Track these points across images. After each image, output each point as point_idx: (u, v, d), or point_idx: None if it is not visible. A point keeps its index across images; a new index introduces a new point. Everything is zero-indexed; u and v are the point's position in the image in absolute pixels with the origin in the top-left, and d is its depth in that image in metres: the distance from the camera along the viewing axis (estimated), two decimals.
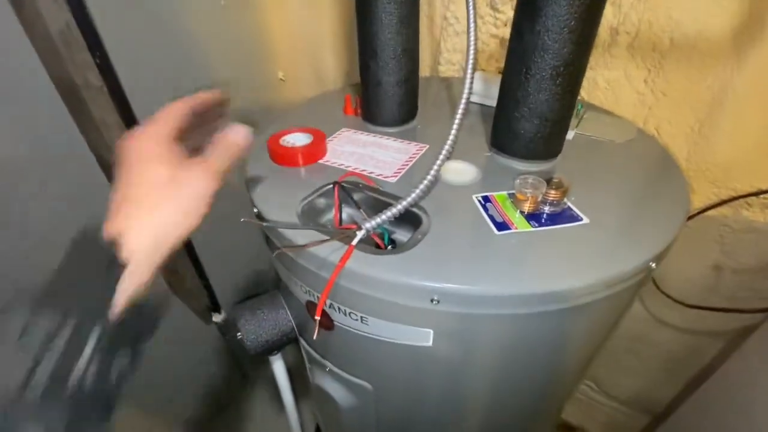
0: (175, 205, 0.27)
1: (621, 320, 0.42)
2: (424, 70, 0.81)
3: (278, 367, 0.51)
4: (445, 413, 0.42)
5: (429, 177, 0.34)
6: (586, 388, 1.07)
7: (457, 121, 0.35)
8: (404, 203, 0.33)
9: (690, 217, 0.68)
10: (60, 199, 0.47)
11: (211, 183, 0.28)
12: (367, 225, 0.31)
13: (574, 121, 0.51)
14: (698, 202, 0.67)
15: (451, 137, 0.35)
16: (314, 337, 0.32)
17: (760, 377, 0.59)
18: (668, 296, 0.74)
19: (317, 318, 0.31)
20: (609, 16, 0.61)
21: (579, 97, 0.67)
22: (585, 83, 0.68)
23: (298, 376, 0.65)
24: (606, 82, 0.66)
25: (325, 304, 0.35)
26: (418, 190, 0.33)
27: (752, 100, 0.56)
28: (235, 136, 0.31)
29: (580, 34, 0.33)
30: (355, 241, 0.30)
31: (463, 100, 0.35)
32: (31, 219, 0.45)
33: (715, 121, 0.60)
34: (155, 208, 0.26)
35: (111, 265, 0.24)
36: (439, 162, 0.35)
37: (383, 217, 0.32)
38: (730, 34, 0.54)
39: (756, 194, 0.62)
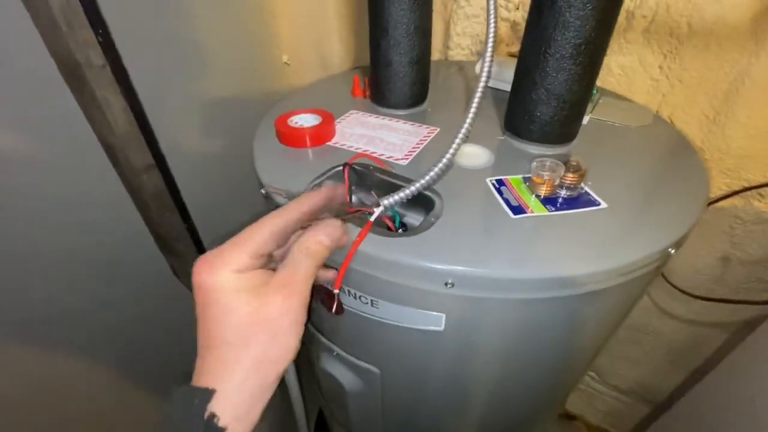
0: (264, 347, 0.23)
1: (634, 307, 0.42)
2: (434, 54, 0.79)
3: None
4: (451, 398, 0.42)
5: (448, 155, 0.33)
6: (587, 378, 1.08)
7: (475, 102, 0.33)
8: (422, 182, 0.31)
9: None
10: (63, 181, 0.47)
11: (297, 306, 0.24)
12: (385, 202, 0.30)
13: (589, 106, 0.50)
14: (710, 192, 0.66)
15: (470, 118, 0.33)
16: (332, 311, 0.31)
17: (765, 370, 0.59)
18: (675, 287, 0.74)
19: (336, 291, 0.30)
20: None
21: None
22: None
23: (301, 362, 0.64)
24: (620, 67, 0.65)
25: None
26: (436, 168, 0.32)
27: None
28: (322, 236, 0.27)
29: (602, 9, 0.32)
30: (373, 217, 0.29)
31: (482, 81, 0.34)
32: (28, 201, 0.44)
33: (730, 110, 0.59)
34: (242, 359, 0.23)
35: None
36: (458, 141, 0.33)
37: (401, 194, 0.31)
38: (749, 19, 0.53)
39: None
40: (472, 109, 0.34)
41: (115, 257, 0.55)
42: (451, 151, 0.33)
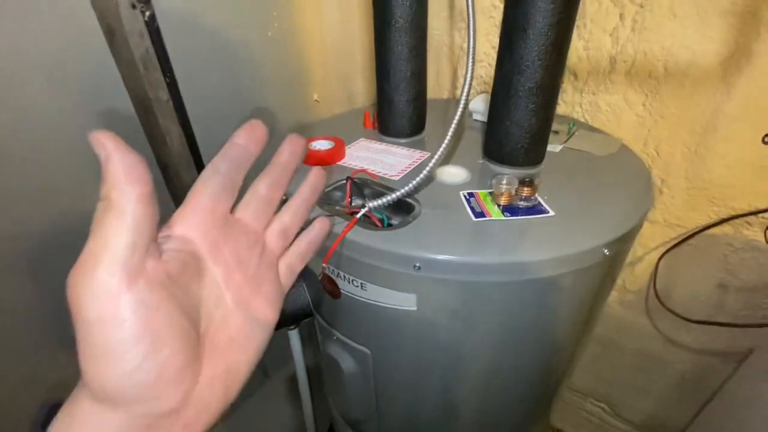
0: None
1: (595, 311, 0.47)
2: (444, 93, 0.90)
3: (294, 341, 0.58)
4: (435, 378, 0.48)
5: (423, 174, 0.42)
6: (599, 410, 1.07)
7: (450, 131, 0.42)
8: (400, 192, 0.41)
9: (691, 236, 0.71)
10: None
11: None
12: (370, 204, 0.39)
13: (563, 137, 0.58)
14: (700, 220, 0.70)
15: (445, 143, 0.42)
16: (333, 296, 0.38)
17: (759, 394, 0.60)
18: (673, 312, 0.76)
19: (324, 265, 0.37)
20: (608, 45, 0.68)
21: (582, 120, 0.73)
22: (588, 106, 0.74)
23: (314, 378, 0.71)
24: (608, 105, 0.72)
25: (333, 273, 0.44)
26: (413, 182, 0.41)
27: (742, 124, 0.60)
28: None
29: (549, 61, 0.41)
30: (359, 215, 0.38)
31: (458, 115, 0.42)
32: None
33: (710, 143, 0.64)
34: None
35: None
36: (432, 162, 0.42)
37: (383, 200, 0.40)
38: (718, 62, 0.60)
39: (754, 213, 0.65)
40: (447, 137, 0.42)
41: None
42: (428, 168, 0.42)
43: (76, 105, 0.52)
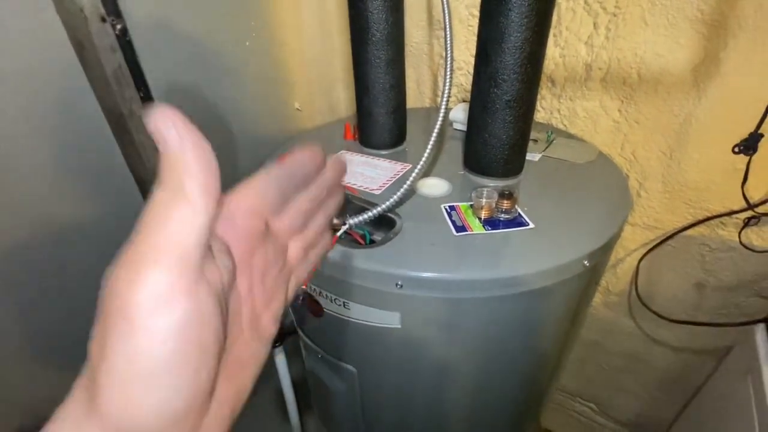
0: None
1: (579, 318, 0.48)
2: (425, 101, 0.91)
3: (280, 359, 0.58)
4: (421, 395, 0.48)
5: (404, 188, 0.42)
6: (587, 410, 1.08)
7: (430, 145, 0.42)
8: (380, 208, 0.40)
9: (669, 237, 0.73)
10: (99, 212, 0.57)
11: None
12: (350, 221, 0.37)
13: (542, 145, 0.58)
14: (677, 221, 0.72)
15: (424, 157, 0.42)
16: (313, 314, 0.38)
17: (736, 392, 0.62)
18: (655, 313, 0.77)
19: (303, 287, 0.35)
20: (583, 53, 0.69)
21: (561, 127, 0.74)
22: (566, 112, 0.75)
23: (300, 393, 0.69)
24: (585, 111, 0.73)
25: (315, 293, 0.43)
26: (393, 198, 0.41)
27: (714, 128, 0.62)
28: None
29: (524, 74, 0.41)
30: (339, 233, 0.36)
31: (436, 129, 0.42)
32: (70, 229, 0.55)
33: (683, 147, 0.65)
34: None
35: None
36: (413, 177, 0.42)
37: (363, 216, 0.39)
38: (689, 69, 0.61)
39: (728, 214, 0.66)
40: (427, 150, 0.42)
41: None
42: (408, 183, 0.42)
43: (46, 119, 0.50)
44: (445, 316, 0.39)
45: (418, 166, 0.42)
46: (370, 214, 0.39)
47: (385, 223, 0.44)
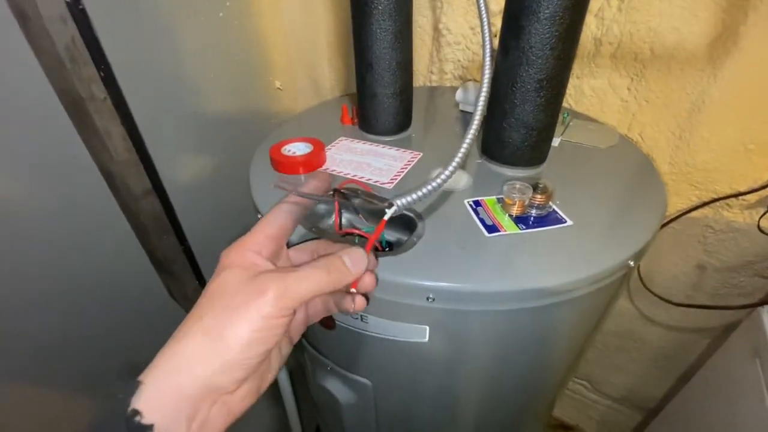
0: (240, 327, 0.21)
1: (608, 314, 0.45)
2: (418, 79, 0.84)
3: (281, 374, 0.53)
4: (442, 408, 0.44)
5: (429, 188, 0.31)
6: (580, 387, 1.10)
7: (467, 140, 0.29)
8: (435, 183, 0.29)
9: (673, 219, 0.71)
10: (62, 207, 0.49)
11: (279, 307, 0.22)
12: (398, 202, 0.29)
13: (560, 129, 0.54)
14: (681, 203, 0.70)
15: (461, 152, 0.29)
16: (352, 308, 0.29)
17: (741, 373, 0.62)
18: (655, 294, 0.77)
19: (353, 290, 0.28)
20: (593, 27, 0.64)
21: (566, 106, 0.70)
22: (572, 91, 0.71)
23: (297, 380, 0.66)
24: (591, 90, 0.69)
25: None
26: (450, 169, 0.29)
27: (728, 108, 0.59)
28: (350, 263, 0.25)
29: (561, 50, 0.36)
30: (387, 216, 0.29)
31: (478, 115, 0.30)
32: (32, 226, 0.47)
33: (694, 127, 0.63)
34: (189, 337, 0.22)
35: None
36: (444, 175, 0.30)
37: (414, 195, 0.29)
38: (706, 44, 0.58)
39: (735, 196, 0.65)
40: (463, 148, 0.31)
41: (113, 278, 0.57)
42: (437, 182, 0.31)
43: None
44: (483, 329, 0.34)
45: (452, 164, 0.32)
46: (419, 192, 0.29)
47: (402, 223, 0.39)
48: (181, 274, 0.67)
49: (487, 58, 0.29)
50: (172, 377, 0.21)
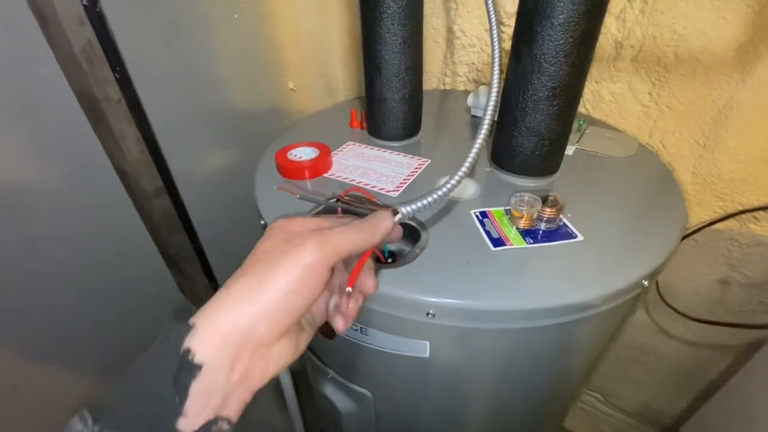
0: (279, 277, 0.23)
1: (620, 332, 0.43)
2: (431, 82, 0.83)
3: (283, 373, 0.53)
4: (442, 422, 0.43)
5: (435, 196, 0.28)
6: (593, 400, 1.07)
7: (474, 149, 0.30)
8: (440, 192, 0.28)
9: (696, 231, 0.68)
10: (78, 207, 0.50)
11: (317, 256, 0.23)
12: (403, 210, 0.28)
13: (575, 137, 0.52)
14: (704, 215, 0.67)
15: (468, 162, 0.29)
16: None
17: (765, 395, 0.59)
18: (674, 309, 0.74)
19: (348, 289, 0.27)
20: (613, 29, 0.62)
21: (583, 111, 0.68)
22: (590, 96, 0.68)
23: (302, 384, 0.66)
24: (611, 94, 0.67)
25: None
26: (456, 178, 0.29)
27: (757, 115, 0.56)
28: (376, 222, 0.26)
29: (575, 57, 0.34)
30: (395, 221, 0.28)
31: (486, 123, 0.30)
32: (48, 226, 0.48)
33: (720, 136, 0.60)
34: (231, 291, 0.23)
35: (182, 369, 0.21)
36: (450, 184, 0.28)
37: (418, 204, 0.28)
38: (734, 48, 0.55)
39: (763, 208, 0.62)
40: (470, 157, 0.30)
41: (126, 276, 0.58)
42: (443, 191, 0.29)
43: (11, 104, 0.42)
44: (484, 346, 0.33)
45: (459, 173, 0.29)
46: (425, 201, 0.28)
47: (405, 232, 0.38)
48: (192, 272, 0.67)
49: (496, 65, 0.28)
50: (218, 323, 0.22)
